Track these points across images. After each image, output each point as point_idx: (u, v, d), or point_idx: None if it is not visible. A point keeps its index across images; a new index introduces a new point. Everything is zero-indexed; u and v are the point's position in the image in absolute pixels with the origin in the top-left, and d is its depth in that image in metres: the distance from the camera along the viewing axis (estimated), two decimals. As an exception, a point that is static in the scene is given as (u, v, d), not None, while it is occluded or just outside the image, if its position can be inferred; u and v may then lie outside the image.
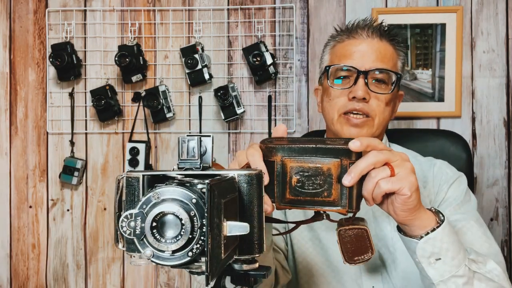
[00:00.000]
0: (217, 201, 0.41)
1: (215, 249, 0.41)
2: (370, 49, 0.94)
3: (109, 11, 1.76)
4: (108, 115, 1.71)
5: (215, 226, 0.41)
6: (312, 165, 0.62)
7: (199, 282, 0.85)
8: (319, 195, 0.63)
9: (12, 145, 1.79)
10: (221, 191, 0.43)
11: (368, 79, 0.92)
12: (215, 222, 0.41)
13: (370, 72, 0.92)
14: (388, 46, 0.97)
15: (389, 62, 0.95)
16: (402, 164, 0.65)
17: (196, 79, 1.66)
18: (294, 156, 0.63)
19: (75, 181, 1.72)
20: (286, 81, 1.71)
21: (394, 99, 0.99)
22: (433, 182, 0.99)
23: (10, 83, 1.79)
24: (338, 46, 1.01)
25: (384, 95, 0.94)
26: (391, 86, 0.95)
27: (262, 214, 0.53)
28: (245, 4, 1.72)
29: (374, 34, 0.96)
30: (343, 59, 0.96)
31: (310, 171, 0.63)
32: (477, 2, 1.65)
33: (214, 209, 0.41)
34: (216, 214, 0.41)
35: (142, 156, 1.69)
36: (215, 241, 0.41)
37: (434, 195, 0.98)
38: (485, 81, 1.65)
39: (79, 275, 1.77)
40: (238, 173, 0.51)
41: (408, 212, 0.68)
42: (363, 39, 0.96)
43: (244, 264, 0.53)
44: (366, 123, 0.93)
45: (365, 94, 0.91)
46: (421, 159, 1.04)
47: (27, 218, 1.78)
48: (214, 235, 0.41)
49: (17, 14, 1.78)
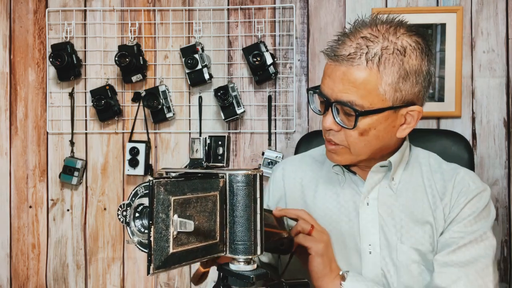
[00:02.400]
0: (163, 198, 0.44)
1: (160, 242, 0.43)
2: (341, 72, 0.80)
3: (109, 11, 1.76)
4: (108, 115, 1.71)
5: (160, 220, 0.43)
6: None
7: (199, 282, 0.86)
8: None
9: (12, 145, 1.79)
10: (176, 189, 0.45)
11: (339, 108, 0.82)
12: (161, 217, 0.43)
13: (334, 104, 0.82)
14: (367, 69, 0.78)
15: (359, 89, 0.79)
16: (321, 233, 0.81)
17: (196, 79, 1.66)
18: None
19: (75, 181, 1.72)
20: (286, 81, 1.71)
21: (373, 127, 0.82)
22: (451, 194, 0.90)
23: (10, 83, 1.79)
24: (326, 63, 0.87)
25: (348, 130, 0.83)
26: (353, 121, 0.80)
27: (261, 215, 0.53)
28: (245, 4, 1.72)
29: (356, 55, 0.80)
30: (322, 81, 0.85)
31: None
32: (477, 2, 1.65)
33: (159, 204, 0.43)
34: (161, 210, 0.43)
35: (142, 156, 1.69)
36: (160, 234, 0.43)
37: (449, 209, 0.89)
38: (485, 81, 1.65)
39: (79, 275, 1.77)
40: (230, 173, 0.52)
41: (314, 273, 0.80)
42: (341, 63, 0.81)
43: (242, 265, 0.53)
44: (339, 151, 0.87)
45: (331, 126, 0.84)
46: (445, 167, 0.95)
47: (27, 218, 1.78)
48: (159, 228, 0.43)
49: (17, 14, 1.78)
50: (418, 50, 0.81)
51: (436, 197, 0.90)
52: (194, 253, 0.48)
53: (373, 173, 0.91)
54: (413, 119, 0.86)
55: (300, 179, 1.02)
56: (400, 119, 0.85)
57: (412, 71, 0.81)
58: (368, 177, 0.91)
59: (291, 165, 1.06)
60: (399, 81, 0.80)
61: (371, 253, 0.89)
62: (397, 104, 0.82)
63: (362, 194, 0.92)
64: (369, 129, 0.83)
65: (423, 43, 0.83)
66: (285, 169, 1.05)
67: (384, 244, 0.89)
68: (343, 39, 0.82)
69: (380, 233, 0.90)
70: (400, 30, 0.82)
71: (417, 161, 0.96)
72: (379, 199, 0.91)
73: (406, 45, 0.80)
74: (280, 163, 1.10)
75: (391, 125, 0.84)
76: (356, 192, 0.94)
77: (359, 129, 0.82)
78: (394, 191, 0.92)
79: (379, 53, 0.79)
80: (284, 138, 1.72)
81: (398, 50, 0.79)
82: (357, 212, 0.92)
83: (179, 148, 1.75)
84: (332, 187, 0.97)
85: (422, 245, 0.87)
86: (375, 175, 0.92)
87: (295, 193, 1.01)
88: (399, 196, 0.92)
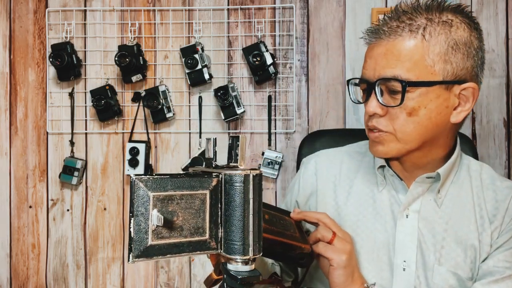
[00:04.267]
0: (142, 193, 0.49)
1: (139, 233, 0.48)
2: (383, 51, 0.74)
3: (109, 11, 1.76)
4: (108, 115, 1.71)
5: (140, 214, 0.48)
6: (278, 215, 0.78)
7: (199, 282, 0.85)
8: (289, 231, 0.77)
9: (12, 145, 1.79)
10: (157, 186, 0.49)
11: (382, 89, 0.76)
12: (140, 210, 0.49)
13: (378, 83, 0.75)
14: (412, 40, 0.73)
15: (404, 63, 0.73)
16: (343, 242, 0.75)
17: (196, 79, 1.66)
18: (267, 210, 0.77)
19: (75, 181, 1.72)
20: (286, 81, 1.71)
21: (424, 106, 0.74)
22: (503, 218, 0.81)
23: (10, 83, 1.79)
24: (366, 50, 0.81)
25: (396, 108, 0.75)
26: (400, 96, 0.73)
27: (258, 215, 0.54)
28: (245, 4, 1.72)
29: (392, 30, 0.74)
30: (363, 68, 0.80)
31: (277, 218, 0.77)
32: (477, 2, 1.65)
33: (138, 199, 0.48)
34: (140, 204, 0.48)
35: (142, 156, 1.69)
36: (139, 226, 0.48)
37: (498, 233, 0.80)
38: (485, 81, 1.65)
39: (79, 275, 1.77)
40: (225, 172, 0.53)
41: (335, 285, 0.75)
42: (379, 39, 0.76)
43: (240, 265, 0.53)
44: (384, 138, 0.77)
45: (375, 110, 0.76)
46: (498, 184, 0.85)
47: (27, 218, 1.78)
48: (138, 221, 0.48)
49: (17, 14, 1.78)
50: (466, 23, 0.75)
51: (485, 218, 0.82)
52: (179, 247, 0.51)
53: (418, 183, 0.82)
54: (468, 100, 0.76)
55: (333, 177, 0.92)
56: (453, 99, 0.75)
57: (462, 42, 0.73)
58: (412, 188, 0.82)
59: (326, 159, 0.96)
60: (448, 51, 0.72)
61: (405, 270, 0.81)
62: (448, 79, 0.73)
63: (403, 205, 0.83)
64: (418, 108, 0.74)
65: (470, 19, 0.77)
66: (318, 163, 0.95)
67: (420, 263, 0.81)
68: (384, 20, 0.77)
69: (417, 249, 0.81)
70: (444, 6, 0.76)
71: (468, 173, 0.86)
72: (420, 213, 0.82)
73: (452, 18, 0.74)
74: (313, 156, 0.99)
75: (444, 105, 0.75)
76: (396, 200, 0.85)
77: (407, 107, 0.74)
78: (439, 206, 0.83)
79: (423, 24, 0.73)
80: (284, 138, 1.72)
81: (444, 21, 0.73)
82: (394, 223, 0.83)
83: (179, 148, 1.75)
84: (368, 190, 0.87)
85: (462, 270, 0.79)
86: (419, 186, 0.82)
87: (327, 192, 0.91)
88: (444, 212, 0.83)
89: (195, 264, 1.73)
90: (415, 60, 0.72)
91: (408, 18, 0.74)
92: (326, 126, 1.70)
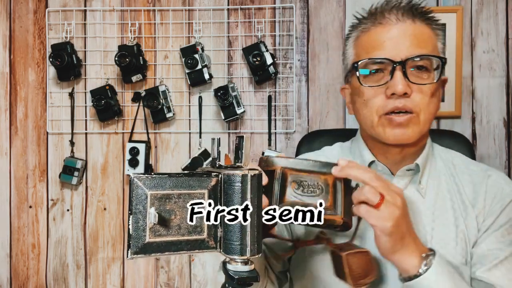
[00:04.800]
0: (141, 191, 0.50)
1: (137, 230, 0.50)
2: (403, 34, 0.78)
3: (109, 11, 1.76)
4: (108, 115, 1.71)
5: (138, 211, 0.50)
6: (309, 175, 0.69)
7: (199, 282, 0.85)
8: (315, 201, 0.68)
9: (12, 145, 1.79)
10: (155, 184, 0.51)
11: (407, 69, 0.76)
12: (138, 208, 0.50)
13: (407, 61, 0.76)
14: (424, 27, 0.80)
15: (427, 46, 0.78)
16: (392, 206, 0.66)
17: (196, 79, 1.66)
18: (294, 167, 0.70)
19: (75, 181, 1.72)
20: (286, 81, 1.71)
21: (439, 89, 0.82)
22: (484, 201, 0.82)
23: (10, 83, 1.79)
24: (363, 36, 0.83)
25: (428, 85, 0.78)
26: (434, 74, 0.78)
27: (259, 215, 0.54)
28: (245, 4, 1.72)
29: (405, 15, 0.79)
30: (372, 51, 0.80)
31: (307, 180, 0.69)
32: (477, 2, 1.65)
33: (137, 197, 0.50)
34: (138, 202, 0.50)
35: (142, 156, 1.69)
36: (137, 224, 0.50)
37: (482, 217, 0.82)
38: (485, 81, 1.65)
39: (79, 275, 1.77)
40: (225, 172, 0.54)
41: (382, 250, 0.69)
42: (392, 24, 0.79)
43: (240, 265, 0.53)
44: (411, 121, 0.77)
45: (406, 89, 0.75)
46: (473, 168, 0.87)
47: (27, 218, 1.78)
48: (136, 218, 0.50)
49: (17, 14, 1.78)
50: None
51: (467, 203, 0.83)
52: (176, 245, 0.52)
53: (399, 177, 0.84)
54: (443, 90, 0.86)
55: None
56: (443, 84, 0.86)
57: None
58: (395, 182, 0.84)
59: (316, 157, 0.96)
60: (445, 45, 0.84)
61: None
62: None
63: None
64: (437, 88, 0.80)
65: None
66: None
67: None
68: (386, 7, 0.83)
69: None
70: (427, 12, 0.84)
71: (442, 161, 0.88)
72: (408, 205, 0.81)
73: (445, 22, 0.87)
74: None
75: (440, 92, 0.84)
76: None
77: (433, 87, 0.77)
78: (423, 196, 0.84)
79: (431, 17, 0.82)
80: (284, 138, 1.72)
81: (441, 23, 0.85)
82: None
83: (179, 148, 1.75)
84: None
85: (454, 257, 0.80)
86: (401, 179, 0.84)
87: None
88: (429, 202, 0.84)
89: (195, 264, 1.73)
90: (433, 46, 0.80)
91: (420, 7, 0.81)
92: (326, 126, 1.70)
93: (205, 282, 1.71)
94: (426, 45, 0.78)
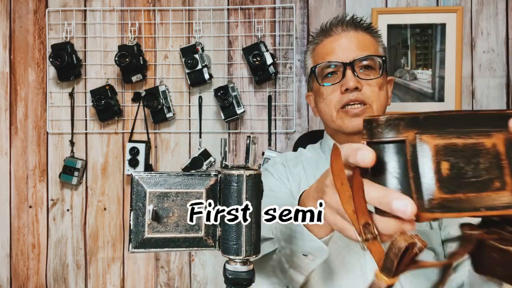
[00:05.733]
0: (140, 189, 0.53)
1: (137, 226, 0.53)
2: (348, 41, 0.95)
3: (109, 11, 1.76)
4: (108, 115, 1.71)
5: (138, 208, 0.53)
6: (467, 141, 0.39)
7: (199, 282, 0.85)
8: (486, 187, 0.37)
9: (12, 145, 1.79)
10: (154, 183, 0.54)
11: (355, 69, 0.92)
12: (138, 205, 0.53)
13: (355, 62, 0.92)
14: (365, 35, 0.97)
15: (370, 49, 0.95)
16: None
17: (196, 79, 1.66)
18: (436, 130, 0.39)
19: (75, 181, 1.72)
20: (286, 81, 1.71)
21: (385, 84, 0.98)
22: None
23: (10, 83, 1.79)
24: (317, 47, 1.01)
25: (375, 80, 0.93)
26: (379, 71, 0.95)
27: (257, 215, 0.54)
28: (245, 4, 1.72)
29: (348, 27, 0.97)
30: (326, 57, 0.96)
31: (466, 151, 0.39)
32: (477, 2, 1.65)
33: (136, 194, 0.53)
34: (138, 199, 0.53)
35: (142, 156, 1.69)
36: (137, 220, 0.53)
37: None
38: (485, 81, 1.65)
39: (79, 275, 1.77)
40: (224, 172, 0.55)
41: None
42: (339, 34, 0.97)
43: (238, 265, 0.54)
44: (365, 111, 0.92)
45: (356, 84, 0.91)
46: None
47: (27, 218, 1.78)
48: (136, 215, 0.53)
49: (17, 14, 1.78)
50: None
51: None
52: (175, 242, 0.54)
53: None
54: (391, 87, 1.02)
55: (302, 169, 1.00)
56: (390, 83, 1.01)
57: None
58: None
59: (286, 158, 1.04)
60: (385, 49, 1.01)
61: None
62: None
63: None
64: (381, 85, 0.94)
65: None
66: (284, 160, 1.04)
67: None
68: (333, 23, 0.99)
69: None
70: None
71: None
72: None
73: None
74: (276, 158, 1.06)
75: (388, 88, 0.99)
76: None
77: (379, 81, 0.92)
78: None
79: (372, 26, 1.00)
80: (284, 138, 1.72)
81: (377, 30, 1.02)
82: None
83: (179, 148, 1.75)
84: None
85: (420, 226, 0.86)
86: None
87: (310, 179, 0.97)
88: None
89: (195, 264, 1.73)
90: (375, 49, 0.97)
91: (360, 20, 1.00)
92: (326, 126, 1.70)
93: (205, 282, 1.71)
94: (368, 49, 0.95)
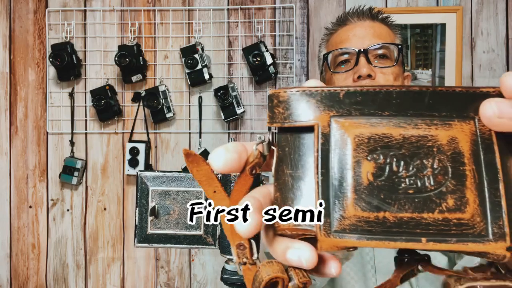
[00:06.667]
0: (144, 187, 0.56)
1: (141, 222, 0.56)
2: (364, 30, 0.93)
3: (109, 11, 1.76)
4: (108, 115, 1.71)
5: (142, 205, 0.56)
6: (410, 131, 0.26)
7: (199, 282, 0.86)
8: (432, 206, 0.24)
9: (12, 145, 1.79)
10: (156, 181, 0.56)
11: (370, 57, 0.89)
12: (142, 202, 0.56)
13: (369, 50, 0.89)
14: (382, 26, 0.95)
15: (386, 39, 0.92)
16: None
17: (196, 79, 1.66)
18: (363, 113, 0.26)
19: (75, 181, 1.72)
20: (286, 81, 1.71)
21: (401, 75, 0.93)
22: None
23: (10, 83, 1.79)
24: (332, 37, 0.99)
25: (389, 68, 0.90)
26: (394, 59, 0.91)
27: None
28: (245, 4, 1.72)
29: (364, 17, 0.95)
30: (340, 45, 0.94)
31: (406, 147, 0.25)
32: (477, 2, 1.65)
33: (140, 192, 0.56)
34: (142, 196, 0.56)
35: (142, 156, 1.69)
36: (141, 216, 0.57)
37: None
38: (485, 81, 1.65)
39: (79, 275, 1.77)
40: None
41: None
42: (355, 23, 0.95)
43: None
44: None
45: (369, 71, 0.87)
46: None
47: (27, 218, 1.78)
48: (141, 211, 0.57)
49: (17, 14, 1.78)
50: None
51: None
52: (176, 239, 0.56)
53: None
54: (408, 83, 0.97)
55: None
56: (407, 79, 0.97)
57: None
58: None
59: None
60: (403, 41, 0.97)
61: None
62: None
63: None
64: (397, 75, 0.90)
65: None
66: None
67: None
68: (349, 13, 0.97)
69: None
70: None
71: None
72: None
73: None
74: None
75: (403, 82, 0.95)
76: None
77: (394, 71, 0.89)
78: None
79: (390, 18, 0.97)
80: (284, 138, 1.72)
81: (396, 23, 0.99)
82: None
83: (179, 148, 1.75)
84: None
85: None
86: None
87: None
88: None
89: (195, 264, 1.73)
90: (392, 39, 0.94)
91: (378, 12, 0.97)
92: (326, 126, 1.70)
93: (205, 282, 1.71)
94: (385, 38, 0.92)
